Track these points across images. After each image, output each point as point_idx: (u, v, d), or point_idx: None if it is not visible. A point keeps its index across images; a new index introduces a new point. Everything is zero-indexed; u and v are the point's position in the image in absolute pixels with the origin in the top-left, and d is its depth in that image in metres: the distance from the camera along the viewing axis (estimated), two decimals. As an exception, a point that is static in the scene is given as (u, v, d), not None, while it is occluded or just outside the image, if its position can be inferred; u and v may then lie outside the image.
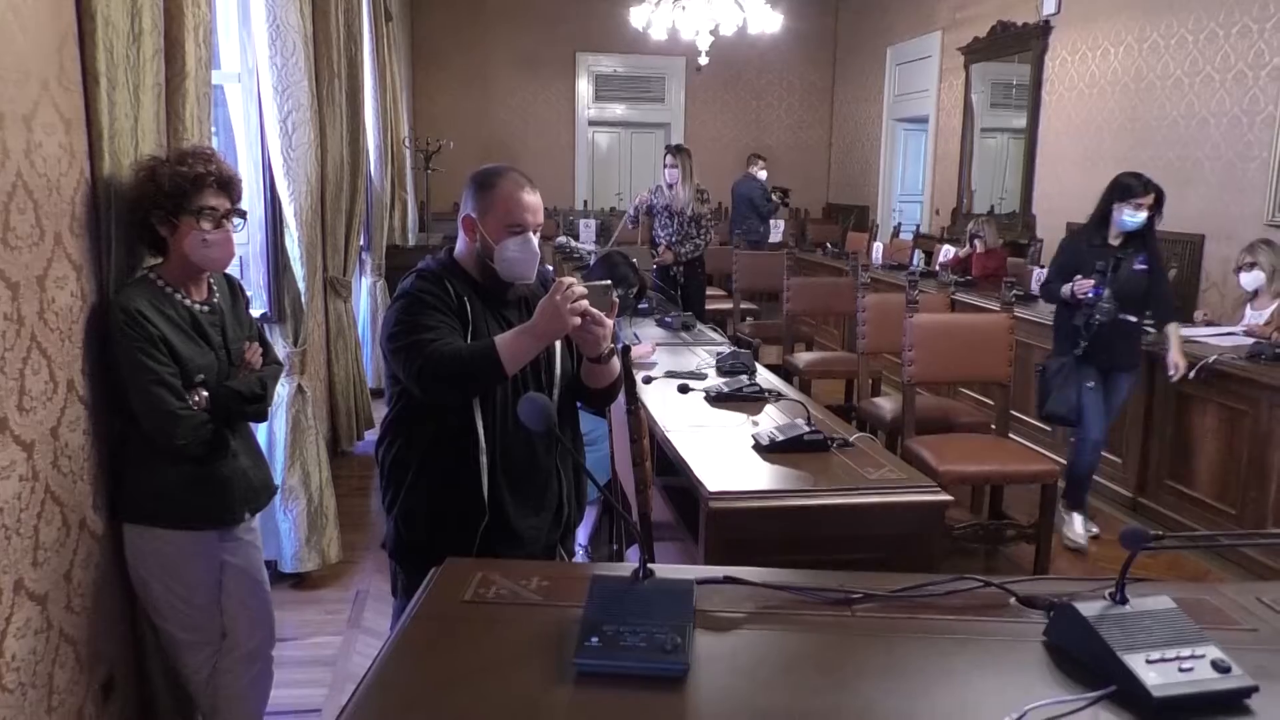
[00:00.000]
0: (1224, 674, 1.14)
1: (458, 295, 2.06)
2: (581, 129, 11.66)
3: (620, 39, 9.86)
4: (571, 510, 2.27)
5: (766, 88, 11.76)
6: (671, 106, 11.77)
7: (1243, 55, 5.72)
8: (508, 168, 2.14)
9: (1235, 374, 4.04)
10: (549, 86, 11.38)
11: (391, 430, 2.14)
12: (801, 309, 6.10)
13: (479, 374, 1.93)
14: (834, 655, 1.29)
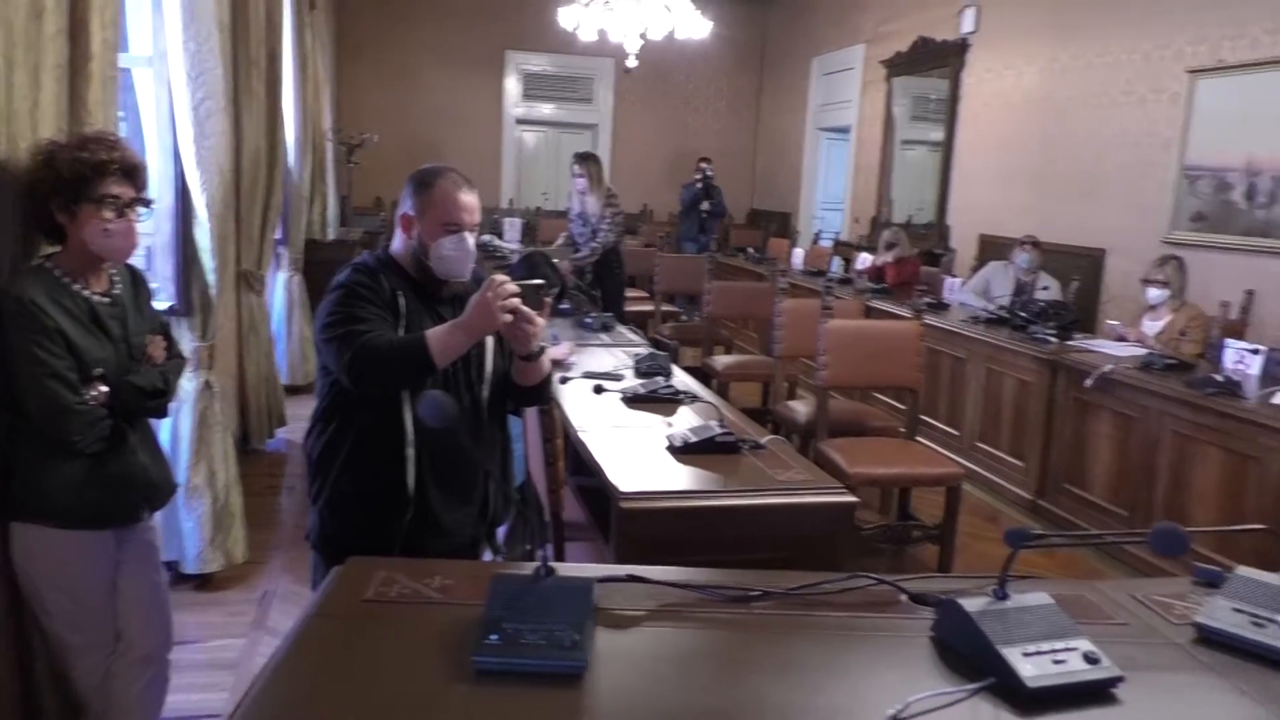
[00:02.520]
0: (1094, 665, 1.21)
1: (392, 290, 2.09)
2: (509, 127, 11.60)
3: (549, 38, 9.83)
4: (498, 506, 2.30)
5: (695, 93, 11.85)
6: (600, 108, 11.79)
7: (1144, 81, 5.98)
8: (447, 168, 2.18)
9: (1129, 383, 4.22)
10: (477, 83, 11.29)
11: (321, 421, 2.15)
12: (721, 312, 6.17)
13: (409, 366, 1.95)
14: (730, 651, 1.32)
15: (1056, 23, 6.78)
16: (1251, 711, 1.20)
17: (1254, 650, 1.32)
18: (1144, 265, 5.09)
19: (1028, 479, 4.91)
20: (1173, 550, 1.34)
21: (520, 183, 11.70)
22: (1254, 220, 5.26)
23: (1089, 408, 4.51)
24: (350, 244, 7.29)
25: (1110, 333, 5.16)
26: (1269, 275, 5.10)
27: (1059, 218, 6.59)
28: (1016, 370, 5.00)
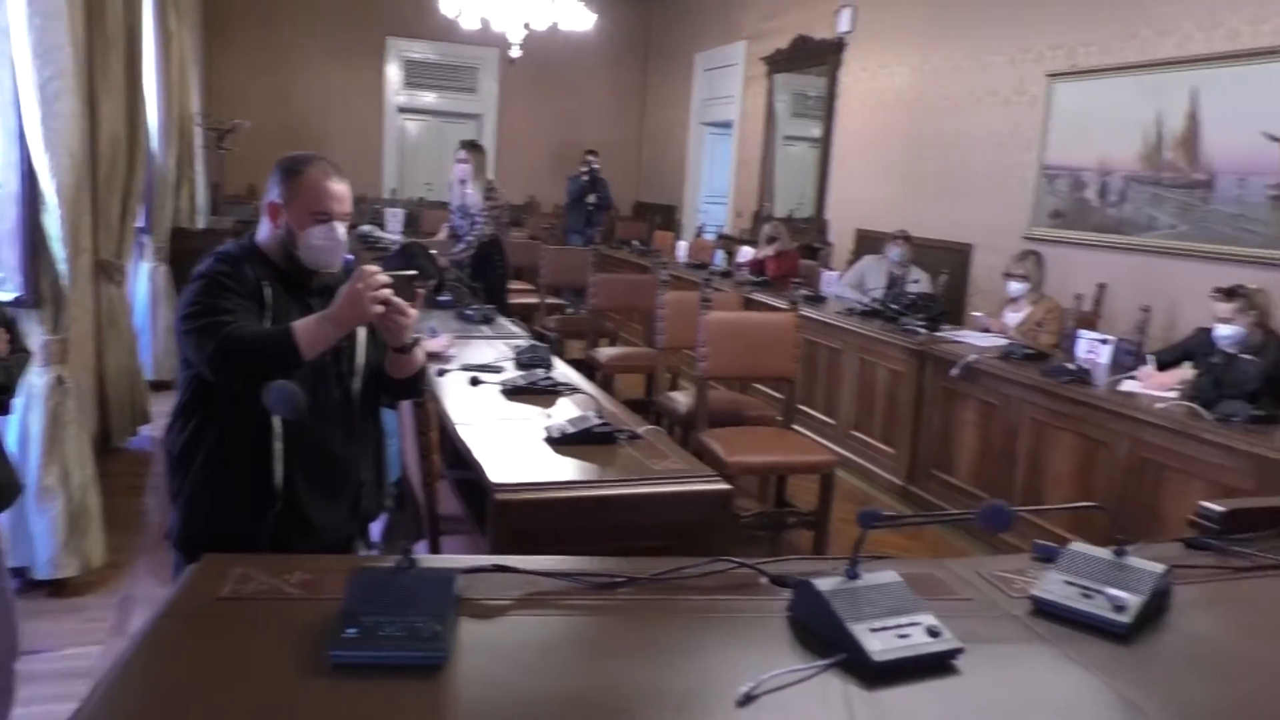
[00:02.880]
0: (936, 638, 1.27)
1: (256, 280, 2.04)
2: (390, 116, 11.36)
3: (431, 26, 9.66)
4: (371, 501, 2.27)
5: (580, 85, 11.84)
6: (484, 98, 11.66)
7: (1008, 83, 6.26)
8: (317, 155, 2.13)
9: (990, 372, 4.43)
10: (357, 70, 11.01)
11: (182, 416, 2.08)
12: (606, 305, 6.19)
13: (274, 358, 1.90)
14: (593, 637, 1.34)
15: (927, 25, 7.04)
16: (1078, 676, 1.28)
17: (1083, 620, 1.40)
18: (1007, 260, 5.34)
19: (899, 465, 5.09)
20: (998, 526, 1.42)
21: (403, 173, 11.48)
22: (1106, 217, 5.58)
23: (955, 396, 4.71)
24: (221, 233, 7.00)
25: (975, 324, 5.39)
26: (1119, 269, 5.42)
27: (930, 213, 6.85)
28: (888, 360, 5.18)
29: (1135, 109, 5.32)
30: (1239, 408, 3.49)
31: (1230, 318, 3.87)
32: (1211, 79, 4.92)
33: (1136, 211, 5.39)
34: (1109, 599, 1.40)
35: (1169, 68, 5.13)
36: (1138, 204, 5.38)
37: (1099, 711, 1.20)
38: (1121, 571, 1.46)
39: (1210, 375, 3.75)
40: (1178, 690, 1.28)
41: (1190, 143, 5.05)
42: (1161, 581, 1.46)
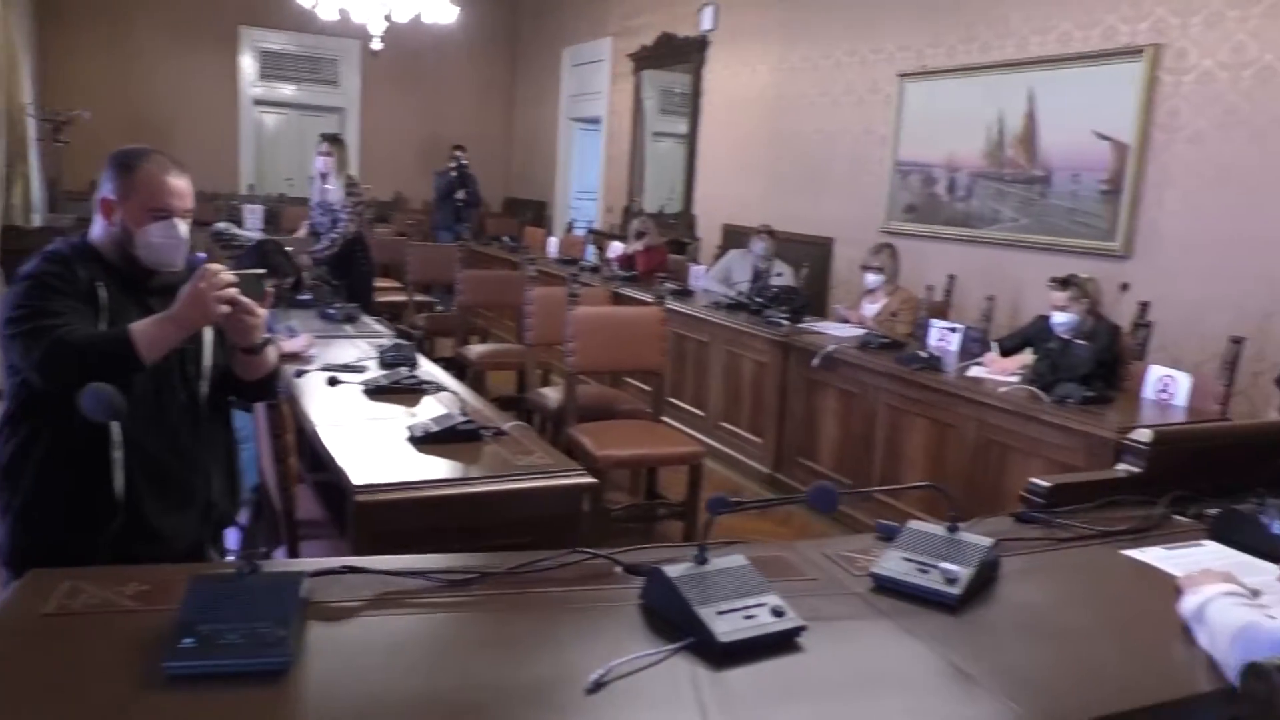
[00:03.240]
0: (780, 618, 1.32)
1: (90, 280, 1.93)
2: (246, 109, 10.92)
3: (287, 15, 9.32)
4: (224, 508, 2.19)
5: (447, 79, 11.65)
6: (346, 91, 11.34)
7: (863, 82, 6.49)
8: (152, 149, 2.04)
9: (849, 361, 4.59)
10: (208, 60, 10.54)
11: (9, 425, 1.96)
12: (474, 301, 6.12)
13: (111, 362, 1.80)
14: (445, 635, 1.33)
15: (784, 26, 7.22)
16: (913, 647, 1.35)
17: (919, 594, 1.48)
18: (865, 253, 5.54)
19: (766, 454, 5.22)
20: (826, 507, 1.49)
21: (261, 168, 11.06)
22: (955, 212, 5.86)
23: (817, 385, 4.86)
24: (59, 231, 6.61)
25: (835, 316, 5.58)
26: (968, 261, 5.69)
27: (793, 208, 7.04)
28: (754, 352, 5.30)
29: (979, 108, 5.60)
30: (1073, 390, 3.71)
31: (1065, 306, 4.11)
32: (1046, 80, 5.23)
33: (982, 206, 5.68)
34: (942, 572, 1.48)
35: (1008, 69, 5.42)
36: (983, 199, 5.67)
37: (931, 680, 1.27)
38: (954, 546, 1.55)
39: (1048, 360, 3.98)
40: (1004, 655, 1.36)
41: (1029, 141, 5.35)
42: (989, 554, 1.55)
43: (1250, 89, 4.30)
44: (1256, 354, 4.29)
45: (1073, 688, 1.27)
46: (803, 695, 1.21)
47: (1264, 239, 4.24)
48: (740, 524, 4.57)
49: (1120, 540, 1.82)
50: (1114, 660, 1.36)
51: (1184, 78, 4.56)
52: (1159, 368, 3.87)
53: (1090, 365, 3.86)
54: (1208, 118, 4.47)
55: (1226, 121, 4.40)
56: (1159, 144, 4.69)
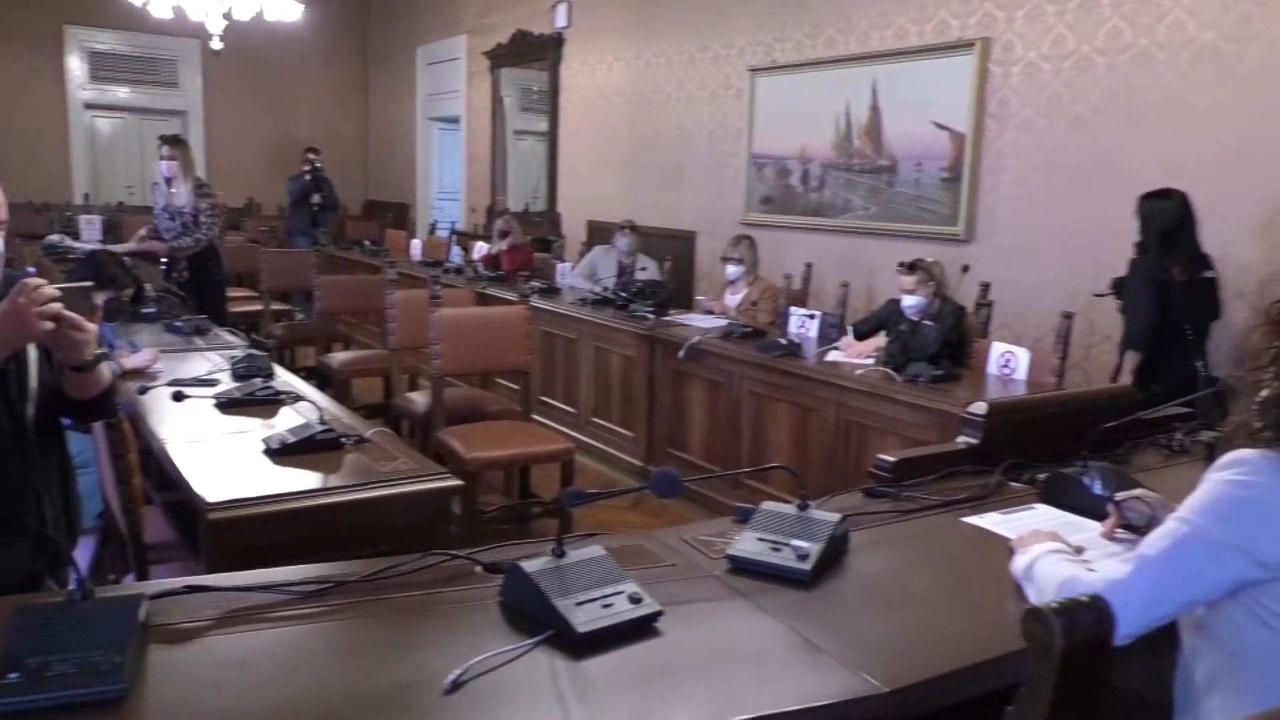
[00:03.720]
0: (637, 604, 1.34)
1: None
2: (77, 113, 10.29)
3: (116, 13, 8.83)
4: (60, 536, 2.05)
5: (296, 79, 11.27)
6: (187, 93, 10.83)
7: (716, 77, 6.62)
8: None
9: (713, 351, 4.68)
10: (30, 61, 9.87)
11: None
12: (334, 308, 5.97)
13: None
14: (298, 647, 1.30)
15: (638, 22, 7.30)
16: (766, 623, 1.40)
17: (772, 572, 1.53)
18: (725, 245, 5.65)
19: (638, 447, 5.27)
20: (669, 492, 1.52)
21: (97, 176, 10.45)
22: (809, 202, 6.04)
23: (683, 377, 4.94)
24: None
25: (700, 307, 5.68)
26: (823, 249, 5.88)
27: (655, 203, 7.13)
28: (621, 347, 5.34)
29: (827, 101, 5.79)
30: (923, 369, 3.89)
31: (913, 289, 4.29)
32: (887, 73, 5.45)
33: (834, 196, 5.87)
34: (793, 550, 1.54)
35: (851, 63, 5.63)
36: (835, 189, 5.86)
37: (783, 654, 1.32)
38: (805, 524, 1.61)
39: (899, 342, 4.16)
40: (851, 624, 1.42)
41: (874, 131, 5.57)
42: (838, 529, 1.61)
43: (1071, 79, 4.59)
44: (1087, 329, 4.59)
45: (915, 650, 1.34)
46: (659, 677, 1.23)
47: (1087, 220, 4.54)
48: (615, 518, 4.61)
49: (960, 508, 1.92)
50: (953, 621, 1.44)
51: (1011, 69, 4.84)
52: (1001, 344, 4.09)
53: (938, 345, 4.05)
54: (1034, 107, 4.75)
55: (1050, 110, 4.69)
56: (992, 132, 4.96)
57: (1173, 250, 3.85)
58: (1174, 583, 1.32)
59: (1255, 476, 1.30)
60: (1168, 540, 1.34)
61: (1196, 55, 4.13)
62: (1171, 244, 3.86)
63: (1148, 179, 4.21)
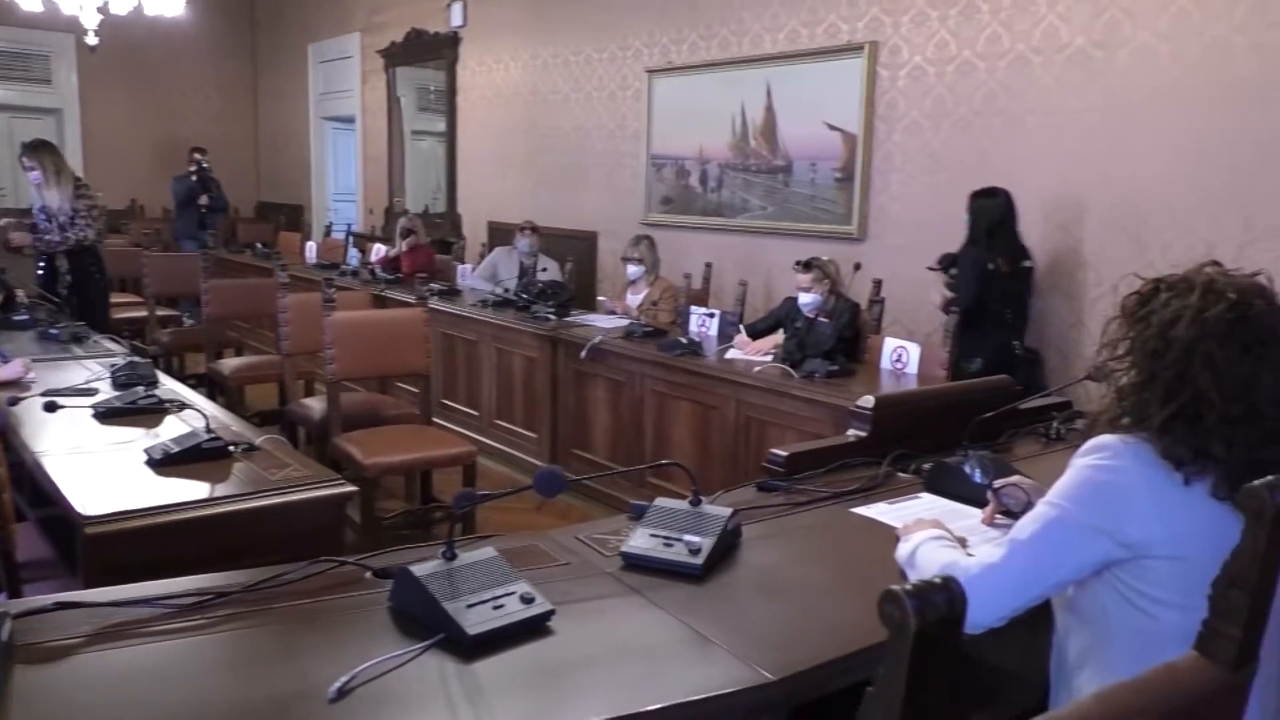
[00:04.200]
0: (529, 604, 1.34)
1: None
2: (-59, 111, 9.74)
3: (-17, 7, 8.38)
4: None
5: (180, 76, 10.86)
6: (62, 90, 10.32)
7: (613, 78, 6.64)
8: None
9: (615, 351, 4.70)
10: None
11: None
12: (224, 313, 5.79)
13: None
14: (177, 662, 1.26)
15: (535, 21, 7.27)
16: (658, 616, 1.41)
17: (664, 567, 1.55)
18: (626, 245, 5.68)
19: (541, 448, 5.25)
20: (552, 490, 1.53)
21: (-34, 177, 9.90)
22: (708, 202, 6.11)
23: (586, 377, 4.94)
24: None
25: (602, 308, 5.69)
26: (722, 249, 5.96)
27: (555, 204, 7.11)
28: (523, 348, 5.31)
29: (723, 102, 5.87)
30: (819, 365, 3.97)
31: (809, 287, 4.39)
32: (781, 75, 5.55)
33: (732, 196, 5.95)
34: (686, 545, 1.56)
35: (746, 65, 5.72)
36: (732, 189, 5.94)
37: (674, 647, 1.33)
38: (697, 519, 1.63)
39: (796, 339, 4.24)
40: (742, 616, 1.45)
41: (770, 132, 5.66)
42: (730, 523, 1.64)
43: (954, 83, 4.75)
44: (973, 322, 4.75)
45: (802, 639, 1.37)
46: (550, 675, 1.23)
47: (968, 218, 4.71)
48: (520, 520, 4.58)
49: (850, 499, 1.98)
50: (841, 609, 1.48)
51: (899, 72, 4.98)
52: (893, 340, 4.21)
53: (833, 341, 4.15)
54: (920, 109, 4.91)
55: (935, 112, 4.84)
56: (881, 134, 5.10)
57: (998, 243, 4.26)
58: (1044, 565, 1.38)
59: (1116, 461, 1.37)
60: (1037, 525, 1.40)
61: (1069, 60, 4.33)
62: (996, 238, 4.26)
63: (1026, 178, 4.40)
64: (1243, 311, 1.33)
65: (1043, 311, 4.48)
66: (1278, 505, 0.98)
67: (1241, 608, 0.99)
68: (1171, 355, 1.35)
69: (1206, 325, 1.34)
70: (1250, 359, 1.32)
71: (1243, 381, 1.31)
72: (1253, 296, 1.35)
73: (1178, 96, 3.99)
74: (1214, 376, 1.32)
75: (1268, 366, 1.32)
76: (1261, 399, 1.31)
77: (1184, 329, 1.35)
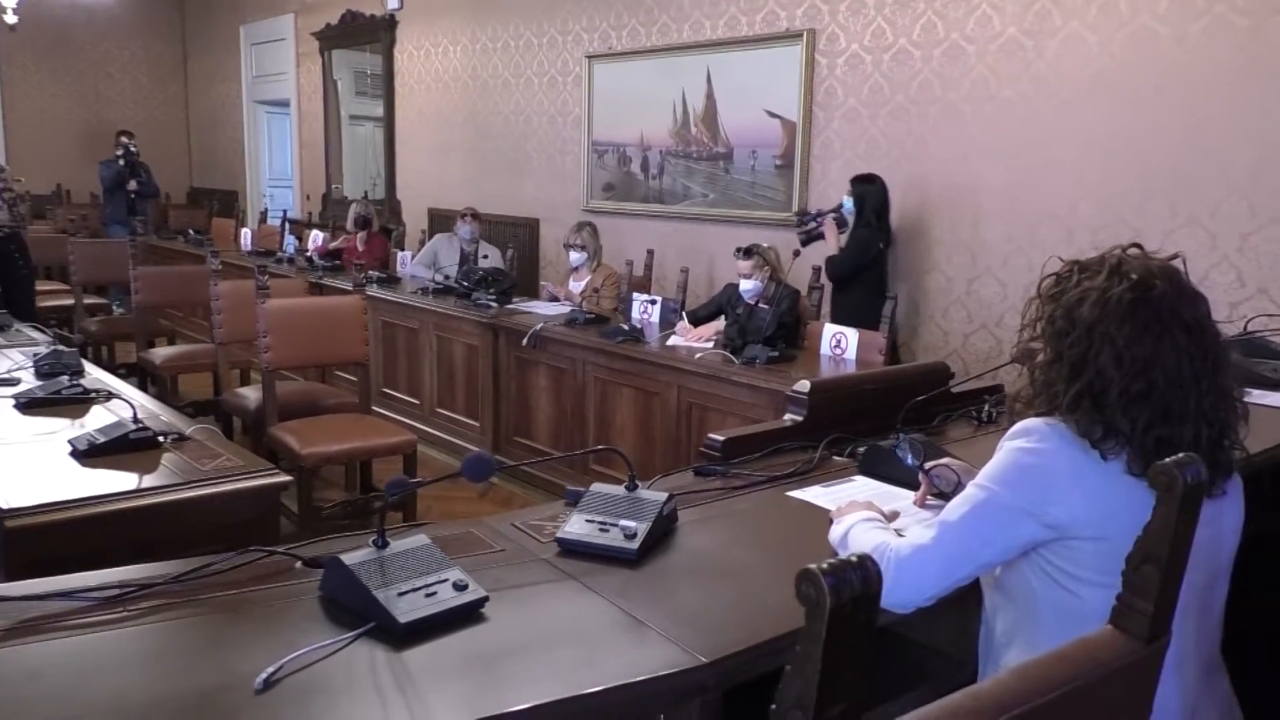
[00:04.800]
0: (462, 591, 1.33)
1: None
2: None
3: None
4: None
5: (106, 58, 10.54)
6: (-18, 71, 9.97)
7: (553, 63, 6.60)
8: None
9: (558, 339, 4.68)
10: None
11: None
12: (155, 301, 5.65)
13: None
14: (96, 656, 1.22)
15: (474, 4, 7.19)
16: (592, 601, 1.41)
17: (600, 552, 1.55)
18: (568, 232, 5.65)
19: (484, 436, 5.22)
20: (480, 475, 1.52)
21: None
22: (650, 189, 6.11)
23: (528, 365, 4.92)
24: None
25: (545, 294, 5.66)
26: (664, 236, 5.97)
27: (497, 190, 7.05)
28: (464, 336, 5.27)
29: (664, 89, 5.87)
30: (759, 351, 4.00)
31: (750, 274, 4.41)
32: (721, 62, 5.57)
33: (674, 183, 5.96)
34: (621, 530, 1.56)
35: (686, 51, 5.72)
36: (674, 176, 5.95)
37: (608, 632, 1.33)
38: (633, 504, 1.63)
39: (737, 325, 4.27)
40: (676, 600, 1.45)
41: (710, 119, 5.68)
42: (666, 507, 1.64)
43: (890, 70, 4.81)
44: (912, 309, 4.84)
45: (735, 621, 1.38)
46: (482, 662, 1.23)
47: (907, 206, 4.78)
48: (464, 509, 4.55)
49: (786, 483, 1.99)
50: (774, 592, 1.49)
51: (837, 60, 5.02)
52: (832, 326, 4.25)
53: (773, 327, 4.18)
54: (858, 97, 4.96)
55: (873, 100, 4.90)
56: (820, 121, 5.14)
57: (885, 225, 4.65)
58: (972, 546, 1.41)
59: (1042, 444, 1.40)
60: (966, 507, 1.42)
61: (1002, 49, 4.40)
62: (883, 220, 4.65)
63: (961, 166, 4.48)
64: (1143, 292, 1.37)
65: (978, 296, 4.58)
66: (1187, 481, 1.00)
67: (1153, 583, 1.02)
68: (1075, 334, 1.39)
69: (1108, 305, 1.37)
70: (1149, 338, 1.36)
71: (1142, 360, 1.35)
72: (1156, 277, 1.39)
73: (1106, 85, 4.08)
74: (1114, 355, 1.36)
75: (1168, 346, 1.36)
76: (1160, 377, 1.35)
77: (1088, 309, 1.39)
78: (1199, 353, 1.37)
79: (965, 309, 4.66)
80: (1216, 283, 3.77)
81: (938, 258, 4.75)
